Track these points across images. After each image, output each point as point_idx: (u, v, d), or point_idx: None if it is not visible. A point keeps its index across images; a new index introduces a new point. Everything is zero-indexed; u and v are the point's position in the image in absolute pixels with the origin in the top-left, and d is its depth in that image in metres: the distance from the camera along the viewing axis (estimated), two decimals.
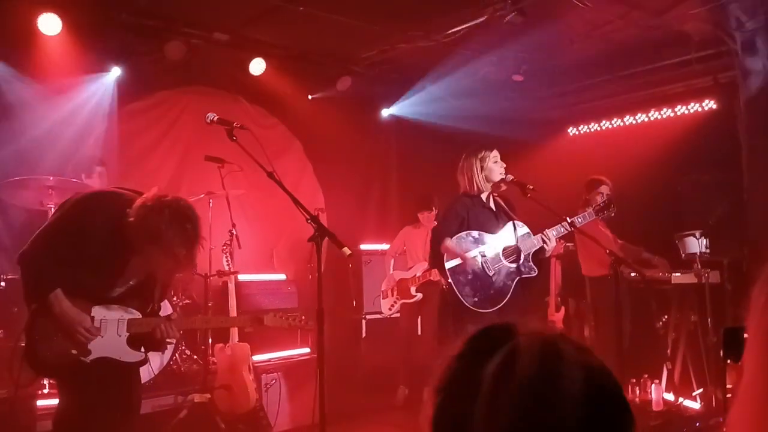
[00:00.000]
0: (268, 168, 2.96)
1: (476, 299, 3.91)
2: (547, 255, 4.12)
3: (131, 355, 2.74)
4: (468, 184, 4.11)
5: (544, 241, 3.98)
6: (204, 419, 4.44)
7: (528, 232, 4.07)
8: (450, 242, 3.95)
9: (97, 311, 2.66)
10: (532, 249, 4.02)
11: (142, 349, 2.79)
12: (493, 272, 3.98)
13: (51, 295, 2.55)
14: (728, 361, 0.97)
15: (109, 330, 2.67)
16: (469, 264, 3.91)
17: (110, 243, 2.57)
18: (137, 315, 2.74)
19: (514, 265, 4.00)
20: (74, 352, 2.60)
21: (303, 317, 3.26)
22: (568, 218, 3.98)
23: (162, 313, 2.96)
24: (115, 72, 5.89)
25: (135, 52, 5.92)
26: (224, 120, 3.10)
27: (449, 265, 3.93)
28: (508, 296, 3.96)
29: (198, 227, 2.60)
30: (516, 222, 4.10)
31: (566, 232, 4.04)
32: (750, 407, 0.91)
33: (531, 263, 4.04)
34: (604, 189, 5.60)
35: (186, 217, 2.55)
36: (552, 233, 3.99)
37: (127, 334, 2.71)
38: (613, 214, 5.48)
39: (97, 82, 5.84)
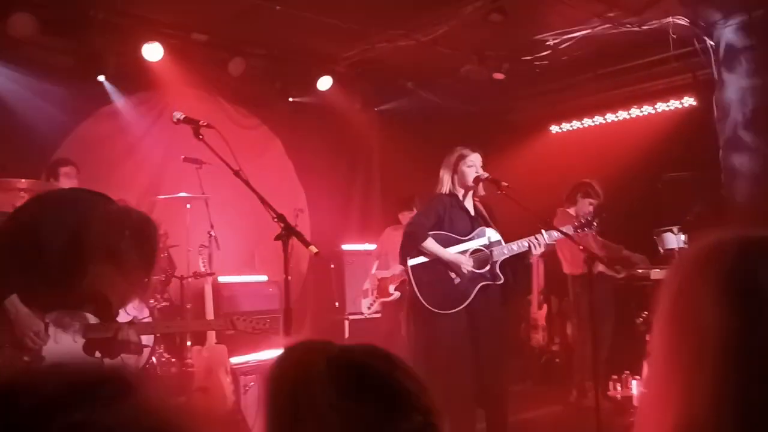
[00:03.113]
0: (234, 166, 2.93)
1: (437, 300, 3.89)
2: (531, 258, 4.08)
3: None
4: (442, 182, 4.09)
5: (532, 245, 3.94)
6: None
7: (499, 240, 4.06)
8: (430, 242, 3.93)
9: (53, 317, 2.60)
10: (502, 257, 4.01)
11: (98, 355, 2.72)
12: (456, 275, 3.97)
13: (6, 302, 2.47)
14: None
15: (65, 336, 2.61)
16: (454, 264, 3.90)
17: (67, 248, 2.49)
18: (94, 320, 2.69)
19: (478, 271, 3.99)
20: (26, 359, 2.53)
21: (267, 320, 3.22)
22: (544, 231, 3.97)
23: (127, 316, 2.90)
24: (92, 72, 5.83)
25: (112, 53, 5.86)
26: (190, 118, 3.07)
27: (412, 262, 3.91)
28: (468, 300, 3.94)
29: (156, 252, 2.56)
30: (490, 228, 4.09)
31: (545, 244, 4.01)
32: (653, 393, 0.91)
33: (497, 271, 4.01)
34: (593, 202, 5.56)
35: (146, 239, 2.49)
36: (543, 239, 3.96)
37: (83, 340, 2.65)
38: (591, 219, 5.50)
39: (72, 82, 5.78)
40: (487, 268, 3.98)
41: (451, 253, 3.94)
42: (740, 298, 0.84)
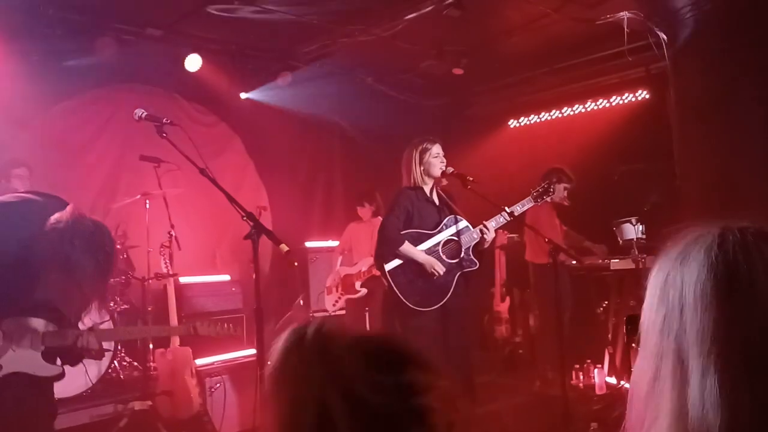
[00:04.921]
0: (200, 164, 2.87)
1: (418, 298, 3.91)
2: (486, 246, 4.13)
3: (46, 369, 2.60)
4: (407, 177, 4.10)
5: (482, 232, 4.01)
6: (145, 427, 4.31)
7: (467, 226, 4.08)
8: (405, 246, 3.94)
9: (8, 324, 2.51)
10: (472, 242, 4.04)
11: (58, 362, 2.65)
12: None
13: None
14: (633, 346, 1.00)
15: (23, 343, 2.52)
16: (430, 266, 3.91)
17: (22, 255, 2.41)
18: (53, 327, 2.61)
19: (454, 260, 4.01)
20: None
21: (230, 325, 3.20)
22: (506, 208, 4.01)
23: (87, 322, 2.82)
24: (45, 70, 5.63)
25: (64, 49, 5.67)
26: (153, 116, 3.00)
27: (389, 266, 3.91)
28: (450, 291, 3.97)
29: (111, 259, 2.49)
30: (457, 216, 4.11)
31: (505, 221, 4.07)
32: (644, 383, 0.93)
33: (471, 256, 4.05)
34: (568, 186, 5.67)
35: (99, 246, 2.42)
36: (491, 224, 4.03)
37: (43, 347, 2.57)
38: (566, 203, 5.60)
39: (25, 80, 5.57)
40: (462, 255, 4.01)
41: (424, 256, 3.95)
42: (721, 289, 0.87)
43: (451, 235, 4.05)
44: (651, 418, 0.90)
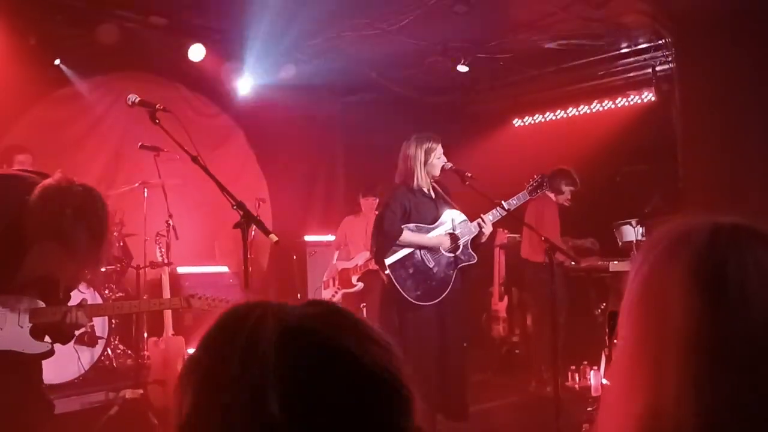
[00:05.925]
0: (192, 152, 2.84)
1: (419, 293, 3.88)
2: (483, 240, 4.08)
3: (35, 347, 2.57)
4: (408, 175, 4.03)
5: (480, 226, 3.97)
6: (136, 415, 4.28)
7: (465, 220, 4.04)
8: (407, 234, 3.90)
9: None
10: (470, 236, 4.00)
11: (47, 339, 2.62)
12: (434, 263, 3.95)
13: None
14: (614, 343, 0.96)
15: (9, 321, 2.50)
16: (435, 247, 3.89)
17: (7, 231, 2.38)
18: (41, 304, 2.58)
19: (452, 255, 3.98)
20: None
21: (228, 299, 3.15)
22: (503, 202, 3.98)
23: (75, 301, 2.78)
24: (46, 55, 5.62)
25: (66, 36, 5.65)
26: (146, 102, 2.97)
27: (389, 260, 3.88)
28: (450, 286, 3.94)
29: (104, 223, 2.42)
30: (454, 210, 4.07)
31: (501, 216, 4.02)
32: (618, 379, 0.89)
33: (470, 250, 4.02)
34: (573, 189, 5.63)
35: (91, 211, 2.36)
36: (488, 217, 3.98)
37: (30, 324, 2.55)
38: (567, 204, 5.57)
39: (24, 65, 5.55)
40: (460, 249, 3.99)
41: (429, 237, 3.94)
42: (708, 286, 0.82)
43: (450, 229, 4.01)
44: (623, 420, 0.86)
